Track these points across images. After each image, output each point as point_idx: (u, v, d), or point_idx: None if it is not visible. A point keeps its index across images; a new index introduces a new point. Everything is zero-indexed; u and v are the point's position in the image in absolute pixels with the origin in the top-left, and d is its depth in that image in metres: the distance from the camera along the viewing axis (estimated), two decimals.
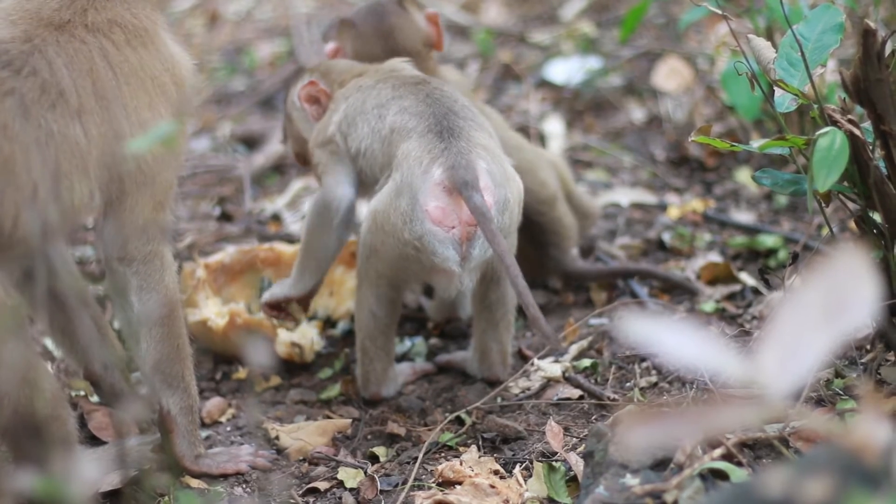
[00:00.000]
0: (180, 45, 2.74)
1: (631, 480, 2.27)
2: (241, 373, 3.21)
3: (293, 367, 3.21)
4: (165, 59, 2.63)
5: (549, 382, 3.00)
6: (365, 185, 2.96)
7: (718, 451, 2.32)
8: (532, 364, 3.05)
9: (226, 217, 4.13)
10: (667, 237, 3.67)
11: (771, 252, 3.54)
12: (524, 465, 2.67)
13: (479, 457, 2.70)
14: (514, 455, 2.74)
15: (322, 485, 2.72)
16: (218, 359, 3.28)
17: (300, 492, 2.71)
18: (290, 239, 3.83)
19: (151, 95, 2.58)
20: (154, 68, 2.60)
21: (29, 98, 2.41)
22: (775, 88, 2.58)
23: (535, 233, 3.29)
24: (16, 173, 2.38)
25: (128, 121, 2.53)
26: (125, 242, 2.61)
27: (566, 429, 2.78)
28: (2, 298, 2.37)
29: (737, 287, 3.37)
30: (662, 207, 3.91)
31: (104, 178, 2.52)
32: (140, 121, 2.55)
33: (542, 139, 4.38)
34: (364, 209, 2.94)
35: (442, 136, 2.75)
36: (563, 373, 2.97)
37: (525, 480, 2.60)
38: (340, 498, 2.68)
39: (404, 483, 2.66)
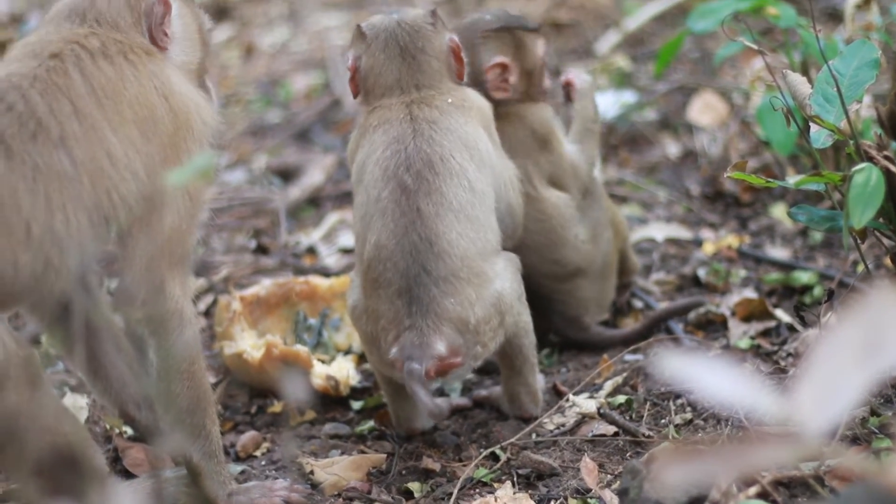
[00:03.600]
0: (194, 81, 2.66)
1: None
2: (277, 406, 3.22)
3: (328, 401, 3.21)
4: (159, 85, 2.53)
5: (584, 419, 2.99)
6: None
7: (754, 489, 2.31)
8: (567, 400, 3.05)
9: (261, 250, 4.15)
10: (702, 273, 3.66)
11: (806, 288, 3.52)
12: (559, 501, 2.66)
13: (514, 493, 2.70)
14: (548, 491, 2.73)
15: None
16: (253, 392, 3.28)
17: None
18: (325, 272, 3.85)
19: (139, 117, 2.48)
20: (141, 92, 2.50)
21: (8, 134, 2.35)
22: (811, 124, 2.58)
23: (552, 309, 3.33)
24: (5, 216, 2.31)
25: (117, 138, 2.43)
26: (138, 302, 2.50)
27: (601, 465, 2.77)
28: (13, 350, 2.32)
29: (772, 323, 3.36)
30: (697, 243, 3.90)
31: (105, 204, 2.42)
32: (130, 140, 2.45)
33: None
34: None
35: (410, 311, 2.75)
36: (598, 409, 2.96)
37: None
38: None
39: None
